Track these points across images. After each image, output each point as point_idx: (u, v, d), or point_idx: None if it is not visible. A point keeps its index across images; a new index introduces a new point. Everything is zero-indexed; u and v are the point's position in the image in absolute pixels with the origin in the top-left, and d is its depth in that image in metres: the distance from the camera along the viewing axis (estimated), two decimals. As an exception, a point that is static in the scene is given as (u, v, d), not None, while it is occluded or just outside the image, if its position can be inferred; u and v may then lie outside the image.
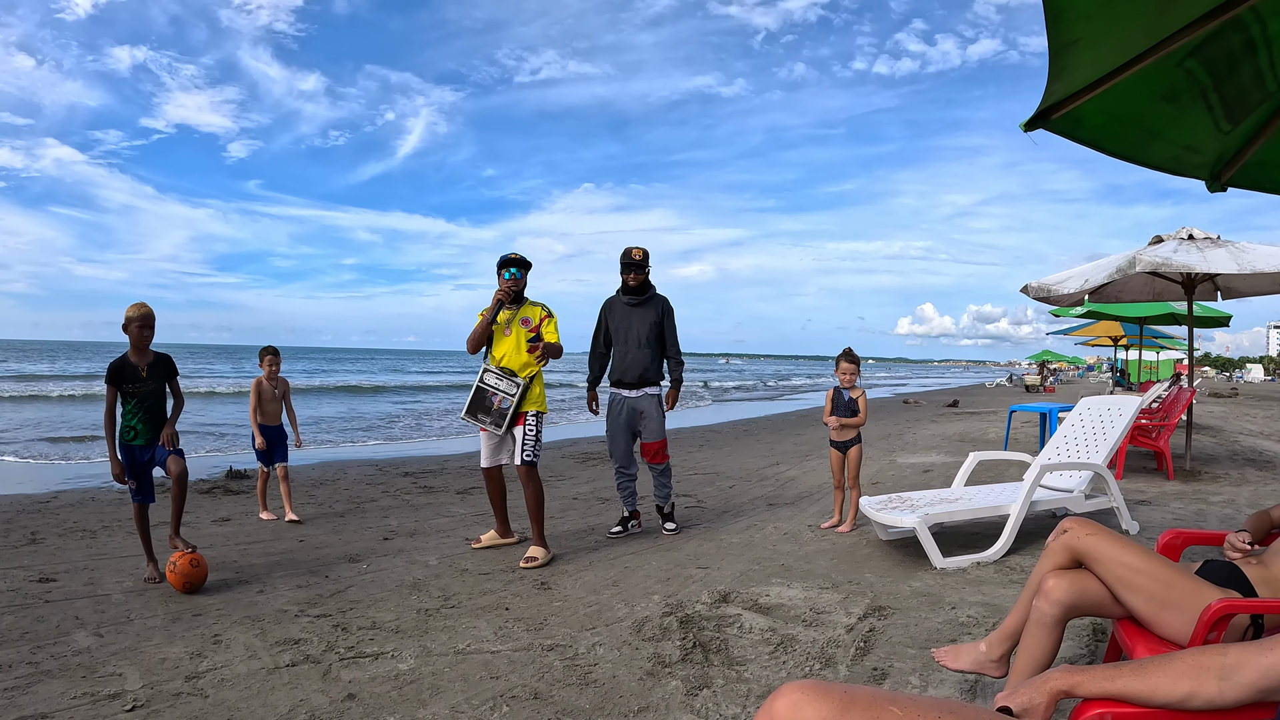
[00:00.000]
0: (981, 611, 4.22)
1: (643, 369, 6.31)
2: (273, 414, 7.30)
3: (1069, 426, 6.90)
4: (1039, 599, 2.61)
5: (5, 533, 6.39)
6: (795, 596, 4.58)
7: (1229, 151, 3.37)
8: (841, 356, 6.62)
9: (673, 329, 6.54)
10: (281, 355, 7.47)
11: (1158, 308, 13.77)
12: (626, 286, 6.44)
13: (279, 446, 7.30)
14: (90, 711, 3.16)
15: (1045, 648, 2.60)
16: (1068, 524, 2.74)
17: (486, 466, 5.95)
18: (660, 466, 6.41)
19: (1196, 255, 7.81)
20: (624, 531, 6.56)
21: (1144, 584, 2.46)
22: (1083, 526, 2.67)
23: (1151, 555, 2.51)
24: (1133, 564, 2.49)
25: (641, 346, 6.31)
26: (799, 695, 1.44)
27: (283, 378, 7.48)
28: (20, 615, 4.35)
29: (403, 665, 3.62)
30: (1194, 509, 6.94)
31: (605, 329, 6.56)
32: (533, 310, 5.86)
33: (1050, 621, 2.58)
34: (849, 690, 1.44)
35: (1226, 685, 1.70)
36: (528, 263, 5.89)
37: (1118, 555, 2.52)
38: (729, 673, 3.48)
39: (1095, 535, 2.60)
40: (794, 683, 1.49)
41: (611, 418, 6.47)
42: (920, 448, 12.73)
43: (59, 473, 10.60)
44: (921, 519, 5.16)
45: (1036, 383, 38.68)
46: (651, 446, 6.34)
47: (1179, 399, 9.84)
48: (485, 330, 5.78)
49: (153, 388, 5.17)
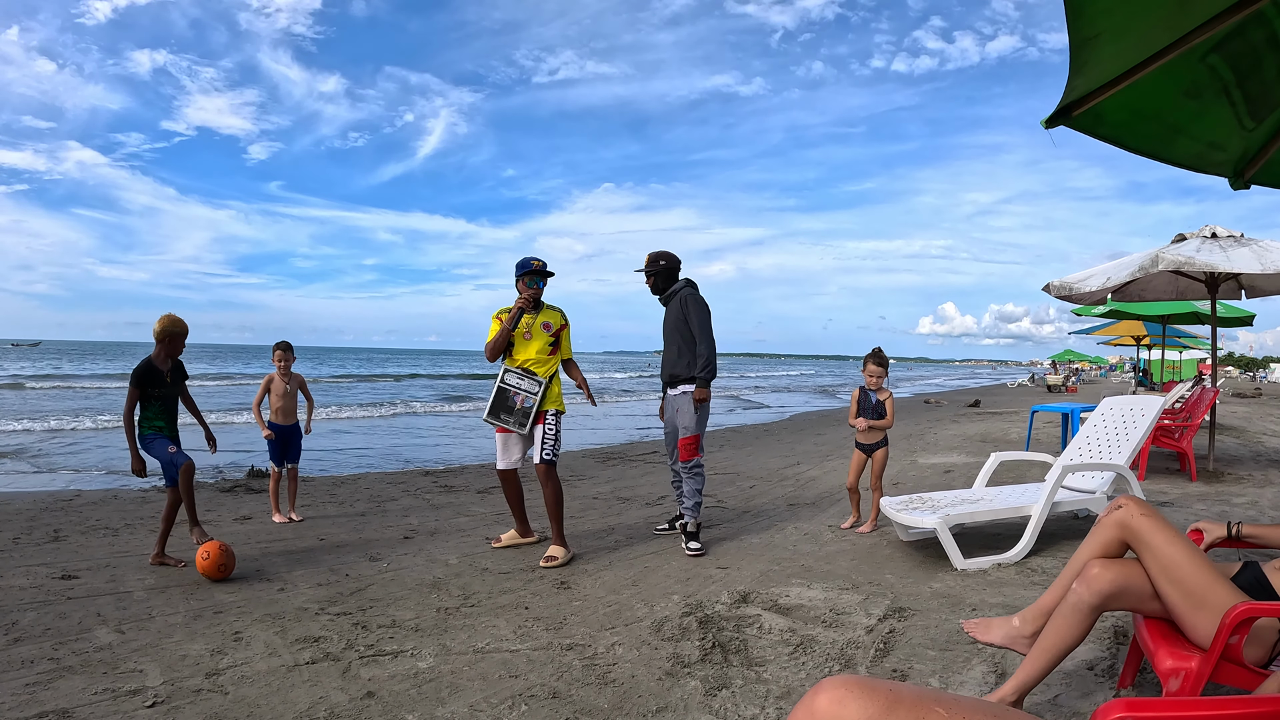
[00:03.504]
0: (1002, 613, 4.17)
1: (672, 366, 6.20)
2: (287, 410, 7.20)
3: (1091, 427, 6.85)
4: (1079, 583, 2.58)
5: (29, 530, 6.46)
6: (815, 597, 4.56)
7: (1252, 148, 3.33)
8: (870, 358, 6.53)
9: (696, 319, 6.11)
10: (296, 353, 7.45)
11: (1180, 307, 13.67)
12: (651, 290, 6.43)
13: (292, 445, 7.25)
14: (111, 707, 3.19)
15: (1074, 633, 2.56)
16: (1123, 500, 2.70)
17: (503, 469, 5.95)
18: (687, 465, 6.02)
19: (1220, 254, 7.74)
20: (669, 529, 6.53)
21: (1185, 578, 2.43)
22: (1138, 505, 2.63)
23: (1198, 553, 2.48)
24: (1179, 557, 2.46)
25: (669, 344, 6.22)
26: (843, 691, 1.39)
27: (296, 373, 7.36)
28: (43, 612, 4.39)
29: (422, 663, 3.63)
30: (1217, 510, 6.87)
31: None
32: (553, 315, 5.88)
33: (1085, 608, 2.55)
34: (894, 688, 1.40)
35: None
36: (550, 272, 5.91)
37: (1166, 544, 2.49)
38: (748, 673, 3.47)
39: (1149, 517, 2.56)
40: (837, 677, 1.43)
41: (664, 417, 6.47)
42: (941, 448, 12.66)
43: (83, 470, 10.71)
44: (942, 520, 5.13)
45: (1059, 382, 38.43)
46: (683, 441, 6.06)
47: (1202, 399, 9.75)
48: (505, 339, 5.78)
49: (173, 391, 5.51)
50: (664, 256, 6.38)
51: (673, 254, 6.40)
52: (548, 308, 5.91)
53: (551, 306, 5.94)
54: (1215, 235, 8.28)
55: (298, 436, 7.30)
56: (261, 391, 7.24)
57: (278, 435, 7.14)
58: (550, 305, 5.94)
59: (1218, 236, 8.25)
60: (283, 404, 7.17)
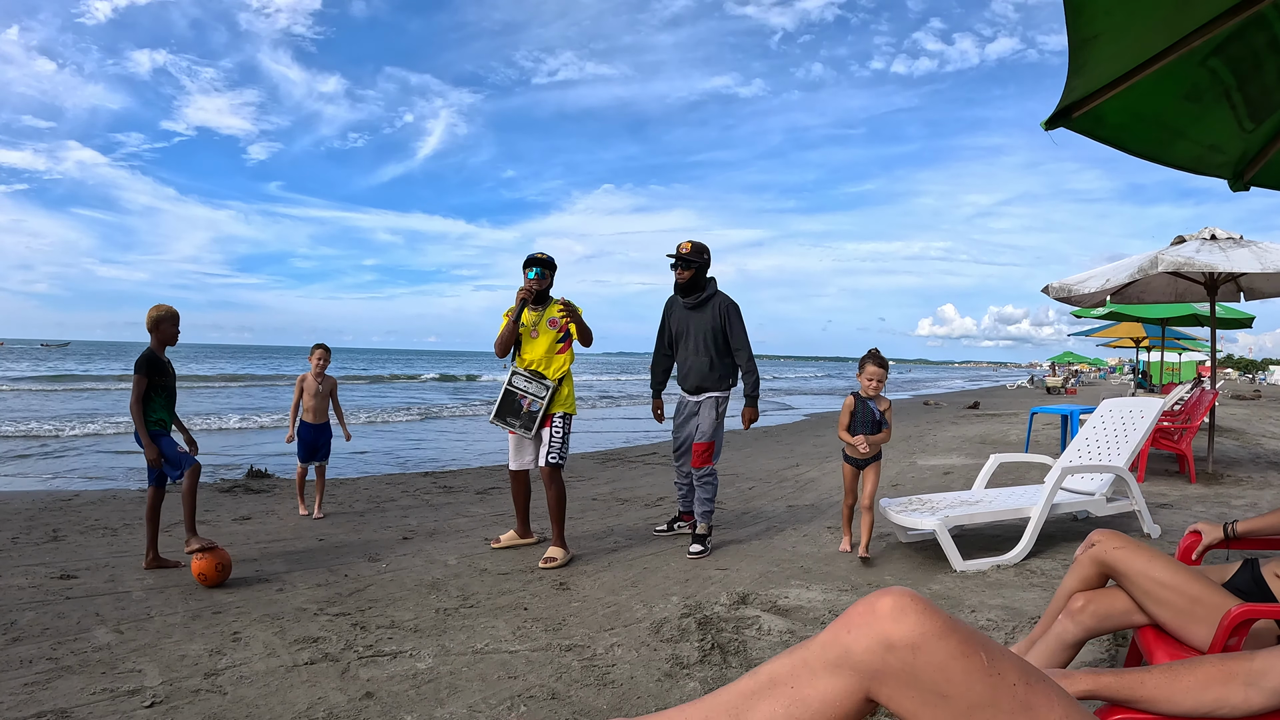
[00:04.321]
0: (1002, 615, 4.19)
1: (700, 377, 6.00)
2: (319, 410, 7.33)
3: (1090, 429, 6.85)
4: (1065, 617, 2.62)
5: (28, 530, 6.45)
6: (814, 598, 4.56)
7: (1252, 150, 3.34)
8: (867, 358, 5.60)
9: (740, 334, 5.98)
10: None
11: (1180, 309, 13.69)
12: (676, 285, 6.11)
13: (322, 445, 7.38)
14: (109, 707, 3.18)
15: (1056, 664, 2.61)
16: (1096, 536, 2.71)
17: (514, 469, 5.94)
18: (701, 471, 5.87)
19: (1219, 255, 7.76)
20: (668, 531, 6.49)
21: (1171, 598, 2.43)
22: (1111, 539, 2.65)
23: (1180, 568, 2.48)
24: (1161, 578, 2.46)
25: (699, 354, 6.00)
26: (906, 601, 1.41)
27: (329, 376, 7.48)
28: (41, 611, 4.39)
29: (421, 664, 3.63)
30: (1216, 512, 6.88)
31: (668, 331, 6.31)
32: (557, 309, 5.73)
33: (1071, 640, 2.61)
34: (951, 620, 1.42)
35: (1253, 691, 1.68)
36: (553, 263, 5.82)
37: (1146, 569, 2.49)
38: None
39: (1124, 549, 2.57)
40: (903, 588, 1.46)
41: (677, 420, 6.26)
42: (941, 449, 12.67)
43: (82, 471, 10.71)
44: (941, 521, 5.13)
45: (1058, 385, 38.43)
46: (697, 446, 5.91)
47: (1201, 401, 9.75)
48: (512, 332, 5.72)
49: (173, 383, 5.48)
50: (706, 249, 6.08)
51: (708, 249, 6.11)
52: (554, 303, 5.76)
53: (556, 300, 5.76)
54: (1214, 237, 8.29)
55: (327, 436, 7.43)
56: (297, 394, 7.35)
57: (308, 435, 7.28)
58: (557, 300, 5.76)
59: (1217, 238, 8.26)
60: (314, 403, 7.31)
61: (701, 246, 6.07)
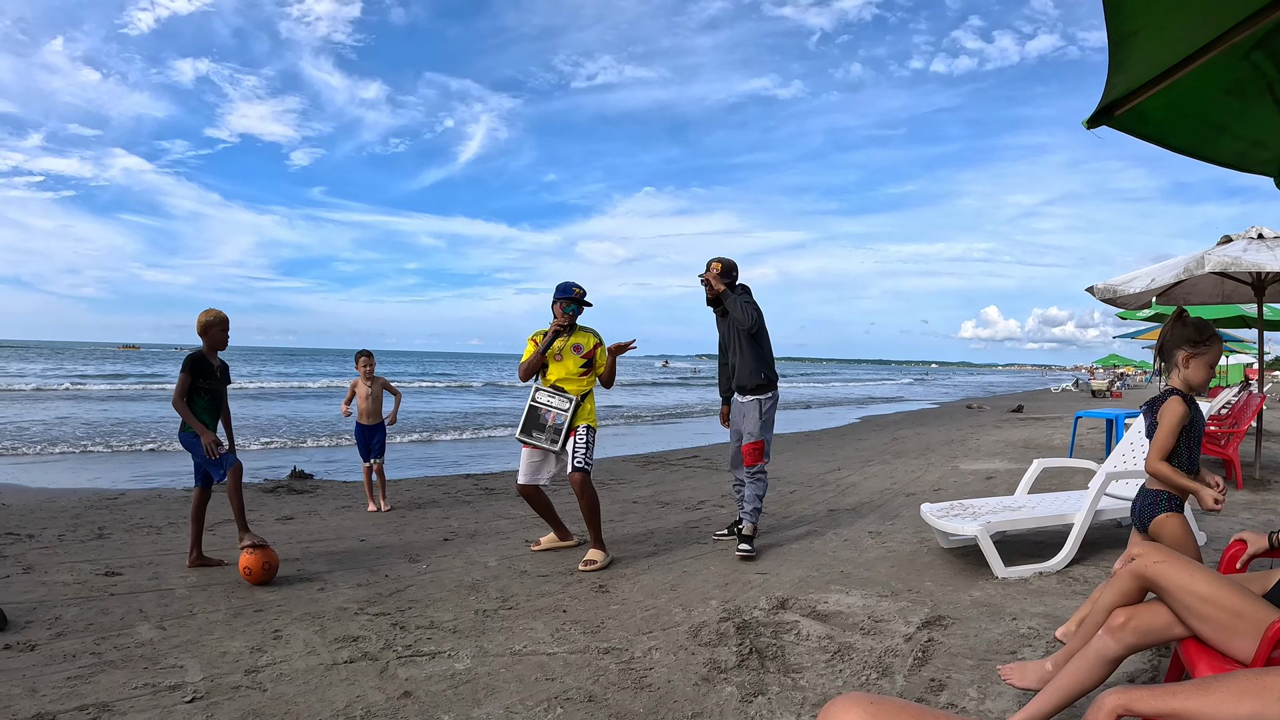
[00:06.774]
0: (1043, 623, 4.13)
1: (743, 379, 6.13)
2: (371, 412, 7.89)
3: (1135, 433, 6.74)
4: (1105, 632, 2.56)
5: (74, 527, 6.58)
6: (854, 604, 4.53)
7: (1298, 147, 3.28)
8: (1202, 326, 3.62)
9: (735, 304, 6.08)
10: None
11: (1227, 310, 13.44)
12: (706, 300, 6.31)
13: (375, 443, 7.86)
14: (151, 702, 3.24)
15: (1092, 678, 2.55)
16: (1136, 550, 2.67)
17: (522, 483, 5.91)
18: (753, 469, 6.00)
19: (1267, 254, 7.60)
20: (729, 535, 6.49)
21: (1213, 613, 2.38)
22: (1151, 553, 2.60)
23: (1221, 582, 2.43)
24: (1202, 593, 2.41)
25: (738, 356, 6.16)
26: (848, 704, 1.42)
27: (379, 376, 8.05)
28: (86, 607, 4.48)
29: (459, 665, 3.65)
30: (1263, 519, 6.74)
31: (721, 339, 6.46)
32: (585, 337, 5.87)
33: (1112, 656, 2.54)
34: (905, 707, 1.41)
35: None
36: (588, 302, 5.91)
37: (1187, 584, 2.44)
38: (784, 680, 3.45)
39: (1164, 563, 2.52)
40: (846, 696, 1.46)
41: (732, 424, 6.41)
42: (983, 454, 12.53)
43: (127, 470, 10.89)
44: (983, 527, 5.07)
45: (1103, 388, 37.89)
46: (745, 447, 6.06)
47: (1248, 405, 9.56)
48: (539, 360, 5.82)
49: (220, 389, 5.51)
50: (733, 269, 6.27)
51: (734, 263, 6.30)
52: (580, 330, 5.91)
53: (584, 328, 5.94)
54: (1262, 236, 8.13)
55: (381, 435, 7.92)
56: (349, 395, 7.88)
57: (361, 435, 7.94)
58: (584, 327, 5.94)
59: (1265, 237, 8.09)
60: (367, 405, 7.87)
61: (729, 266, 6.25)
